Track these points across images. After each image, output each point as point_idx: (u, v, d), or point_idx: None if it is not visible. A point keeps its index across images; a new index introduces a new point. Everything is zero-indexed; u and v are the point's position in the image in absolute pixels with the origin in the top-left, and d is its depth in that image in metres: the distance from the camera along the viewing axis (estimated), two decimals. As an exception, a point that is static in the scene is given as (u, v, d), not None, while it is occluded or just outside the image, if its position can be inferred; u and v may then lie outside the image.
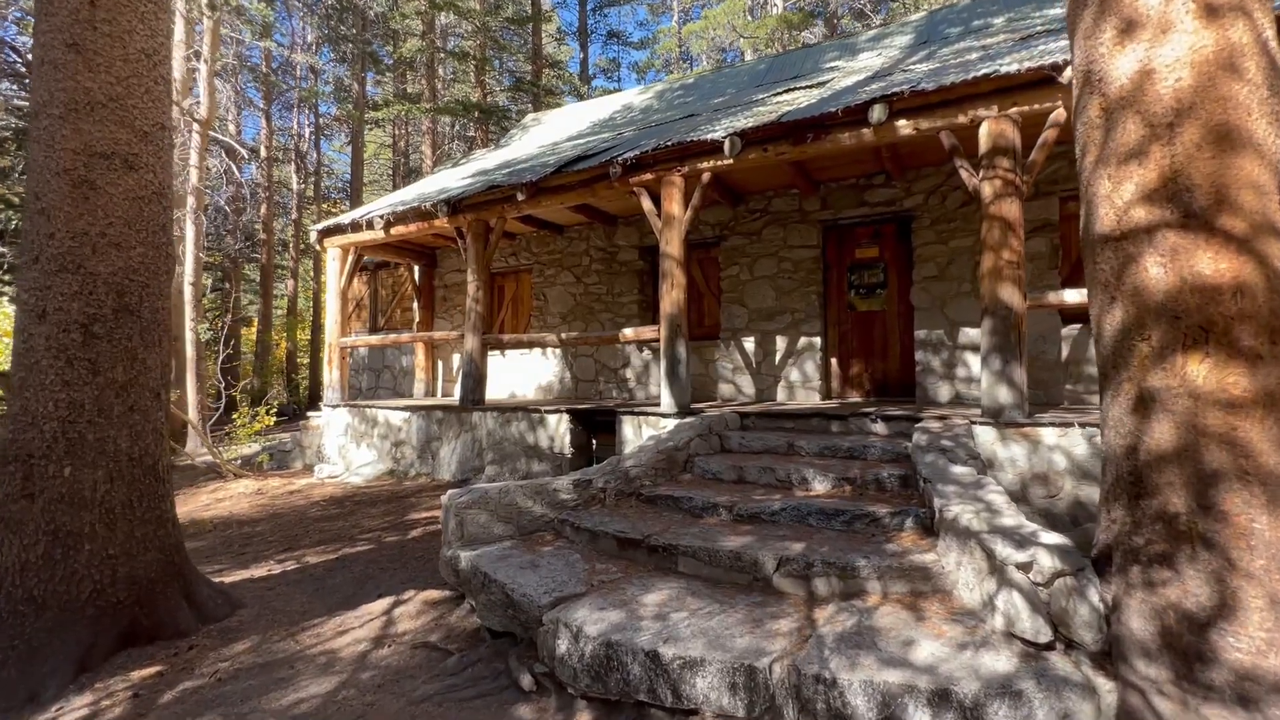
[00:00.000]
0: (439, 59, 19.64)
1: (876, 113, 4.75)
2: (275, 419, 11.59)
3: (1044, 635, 2.24)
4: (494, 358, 9.35)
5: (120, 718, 2.64)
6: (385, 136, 25.92)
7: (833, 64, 8.67)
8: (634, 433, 6.06)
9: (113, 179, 3.24)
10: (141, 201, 3.35)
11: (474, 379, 7.24)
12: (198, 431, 9.34)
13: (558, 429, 6.60)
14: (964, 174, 4.67)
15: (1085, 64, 2.20)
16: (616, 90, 24.22)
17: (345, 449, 8.37)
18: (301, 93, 21.60)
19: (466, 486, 5.46)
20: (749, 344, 7.45)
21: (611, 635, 2.52)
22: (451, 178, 9.72)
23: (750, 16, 20.56)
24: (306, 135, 23.37)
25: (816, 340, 7.04)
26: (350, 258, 8.66)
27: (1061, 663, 2.16)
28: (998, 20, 7.72)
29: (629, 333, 6.44)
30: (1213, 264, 1.88)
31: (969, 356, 6.20)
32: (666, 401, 5.81)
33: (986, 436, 4.46)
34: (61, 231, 3.13)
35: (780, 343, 7.26)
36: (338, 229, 8.44)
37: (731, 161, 5.52)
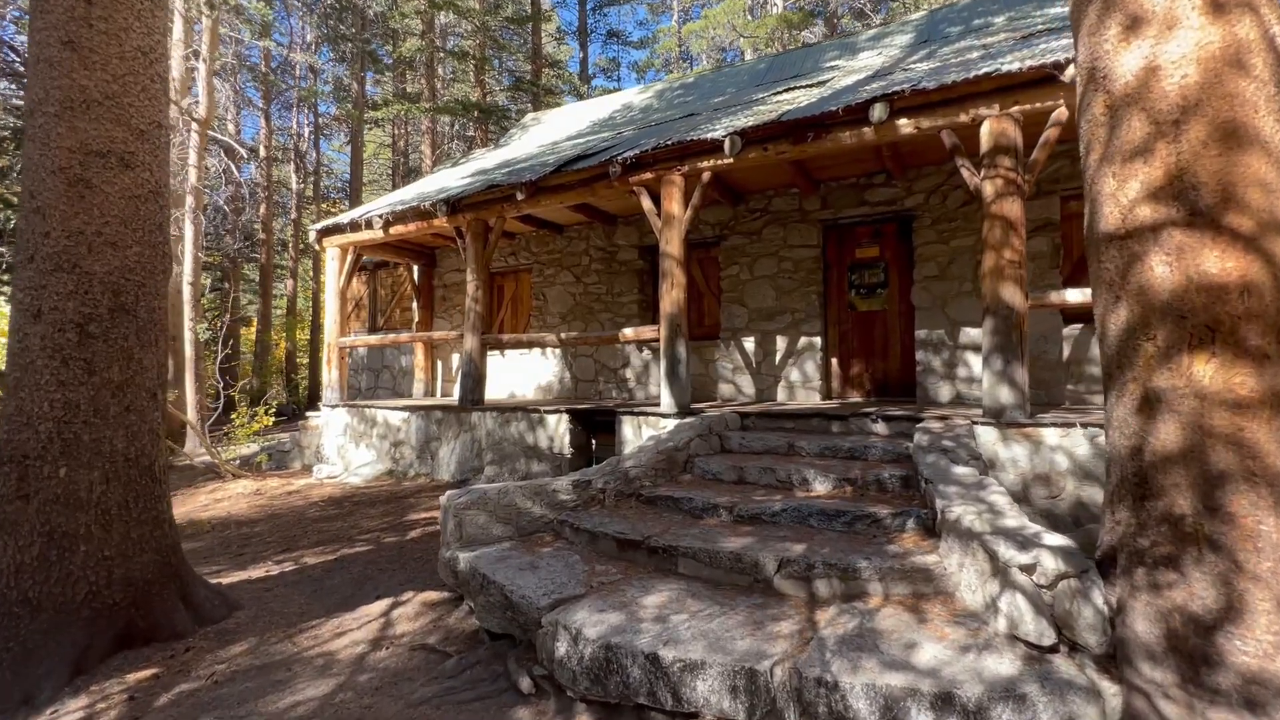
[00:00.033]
0: (438, 58, 19.61)
1: (877, 111, 4.73)
2: (274, 419, 11.56)
3: (1048, 638, 2.22)
4: (493, 358, 9.33)
5: (115, 721, 2.62)
6: (385, 136, 25.91)
7: (833, 63, 8.65)
8: (634, 433, 6.04)
9: (109, 177, 3.22)
10: (138, 200, 3.33)
11: (473, 379, 7.22)
12: (196, 432, 9.32)
13: (557, 429, 6.58)
14: (965, 173, 4.65)
15: (1089, 61, 2.18)
16: (616, 90, 24.20)
17: (344, 449, 8.35)
18: (301, 92, 21.58)
19: (465, 487, 5.43)
20: (749, 344, 7.43)
21: (611, 638, 2.49)
22: (451, 177, 9.70)
23: (750, 16, 20.54)
24: (306, 135, 23.35)
25: (817, 340, 7.02)
26: (349, 257, 8.63)
27: (1065, 666, 2.14)
28: (998, 19, 7.69)
29: (629, 333, 6.42)
30: (1219, 263, 1.86)
31: (970, 356, 6.18)
32: (666, 401, 5.79)
33: (988, 437, 4.44)
34: (57, 230, 3.10)
35: (780, 342, 7.23)
36: (336, 228, 8.42)
37: (732, 161, 5.49)
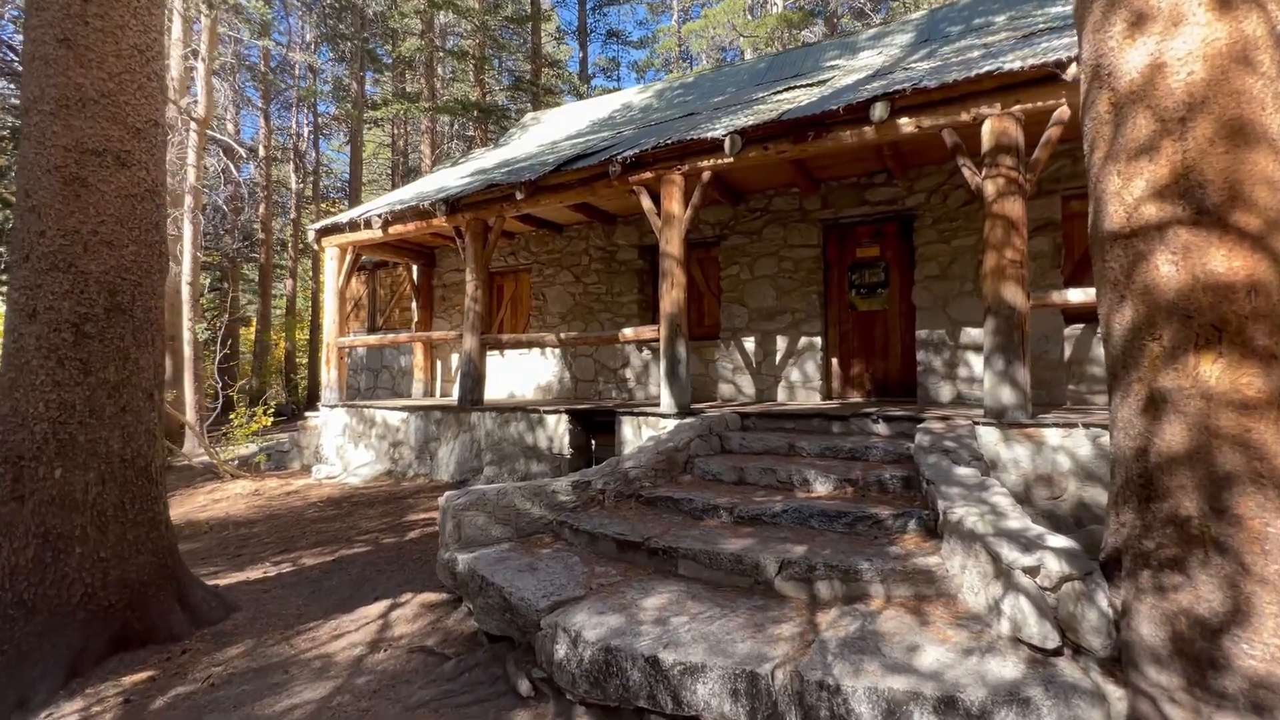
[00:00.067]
0: (438, 58, 19.58)
1: (878, 110, 4.71)
2: (273, 419, 11.53)
3: (1052, 641, 2.19)
4: (493, 358, 9.30)
5: (110, 724, 2.60)
6: (384, 136, 25.89)
7: (833, 63, 8.63)
8: (633, 433, 6.02)
9: (105, 176, 3.19)
10: (134, 199, 3.31)
11: (472, 379, 7.19)
12: (194, 432, 9.29)
13: (557, 429, 6.56)
14: (967, 172, 4.63)
15: (1094, 58, 2.16)
16: (616, 89, 24.15)
17: (343, 449, 8.32)
18: (300, 92, 21.55)
19: (464, 488, 5.41)
20: (749, 344, 7.41)
21: (611, 640, 2.47)
22: (450, 177, 9.67)
23: (750, 15, 20.52)
24: (305, 134, 23.32)
25: (817, 340, 7.00)
26: (348, 257, 8.61)
27: (1070, 669, 2.12)
28: (999, 18, 7.67)
29: (628, 332, 6.40)
30: (1226, 261, 1.84)
31: (971, 356, 6.16)
32: (666, 402, 5.77)
33: (989, 437, 4.42)
34: (52, 229, 3.08)
35: (781, 342, 7.21)
36: (335, 228, 8.40)
37: (732, 160, 5.47)
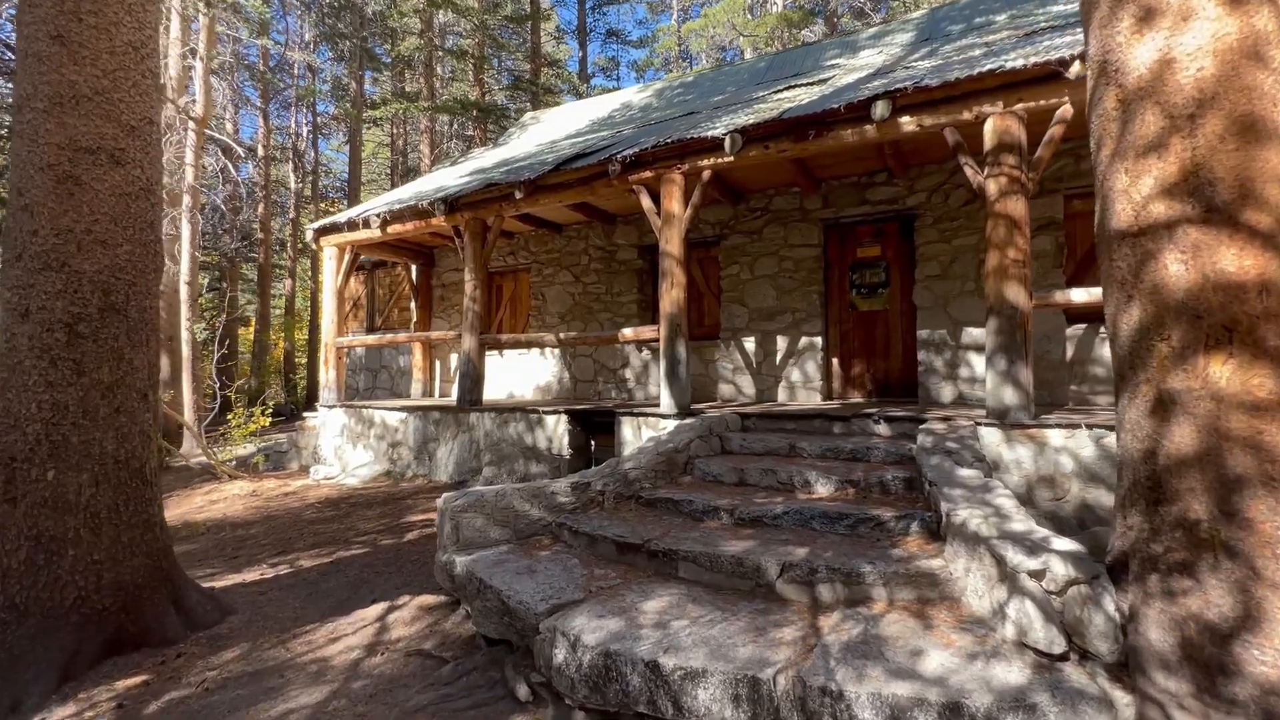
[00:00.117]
0: (437, 57, 19.55)
1: (879, 109, 4.68)
2: (272, 419, 11.48)
3: (1058, 646, 2.16)
4: (492, 358, 9.27)
5: (103, 729, 2.56)
6: (383, 135, 25.84)
7: (834, 62, 8.60)
8: (633, 434, 5.99)
9: (98, 174, 3.16)
10: (129, 198, 3.27)
11: (471, 379, 7.16)
12: (192, 433, 9.25)
13: (556, 430, 6.52)
14: (969, 171, 4.60)
15: (1101, 54, 2.12)
16: (615, 89, 24.12)
17: (341, 450, 8.29)
18: (299, 91, 21.51)
19: (463, 489, 5.38)
20: (749, 344, 7.37)
21: (610, 644, 2.44)
22: (449, 176, 9.64)
23: (750, 15, 20.49)
24: (304, 134, 23.28)
25: (818, 340, 6.97)
26: (347, 257, 8.57)
27: (1076, 674, 2.09)
28: (1000, 17, 7.64)
29: (628, 332, 6.36)
30: (1237, 260, 1.81)
31: (972, 356, 6.13)
32: (666, 402, 5.74)
33: (992, 438, 4.39)
34: (45, 228, 3.05)
35: (781, 343, 7.18)
36: (334, 227, 8.36)
37: (732, 159, 5.44)
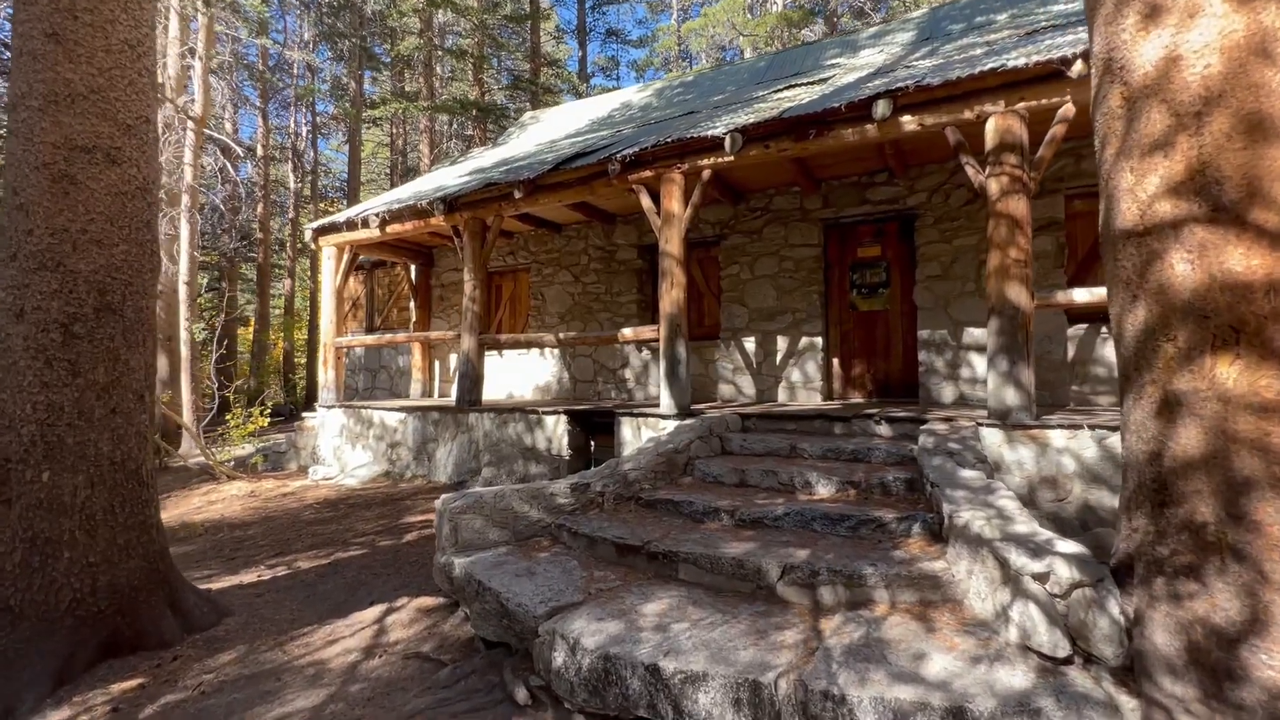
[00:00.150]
0: (436, 57, 19.52)
1: (880, 108, 4.66)
2: (271, 419, 11.47)
3: (1062, 649, 2.14)
4: (491, 358, 9.24)
5: (98, 733, 2.54)
6: (383, 135, 25.81)
7: (834, 61, 8.57)
8: (633, 434, 5.96)
9: (94, 173, 3.13)
10: (124, 197, 3.25)
11: (470, 379, 7.14)
12: (190, 433, 9.22)
13: (555, 430, 6.50)
14: (970, 171, 4.58)
15: (1106, 52, 2.10)
16: (615, 89, 24.10)
17: (340, 450, 8.26)
18: (298, 91, 21.48)
19: (462, 489, 5.36)
20: (749, 344, 7.35)
21: (610, 648, 2.42)
22: (449, 176, 9.61)
23: (750, 14, 20.47)
24: (303, 134, 23.26)
25: (818, 340, 6.94)
26: (346, 256, 8.54)
27: (1081, 678, 2.06)
28: (1001, 16, 7.62)
29: (628, 333, 6.34)
30: (1244, 260, 1.78)
31: (973, 357, 6.11)
32: (666, 402, 5.71)
33: (993, 439, 4.37)
34: (40, 228, 3.02)
35: (781, 343, 7.16)
36: (333, 227, 8.33)
37: (732, 158, 5.42)
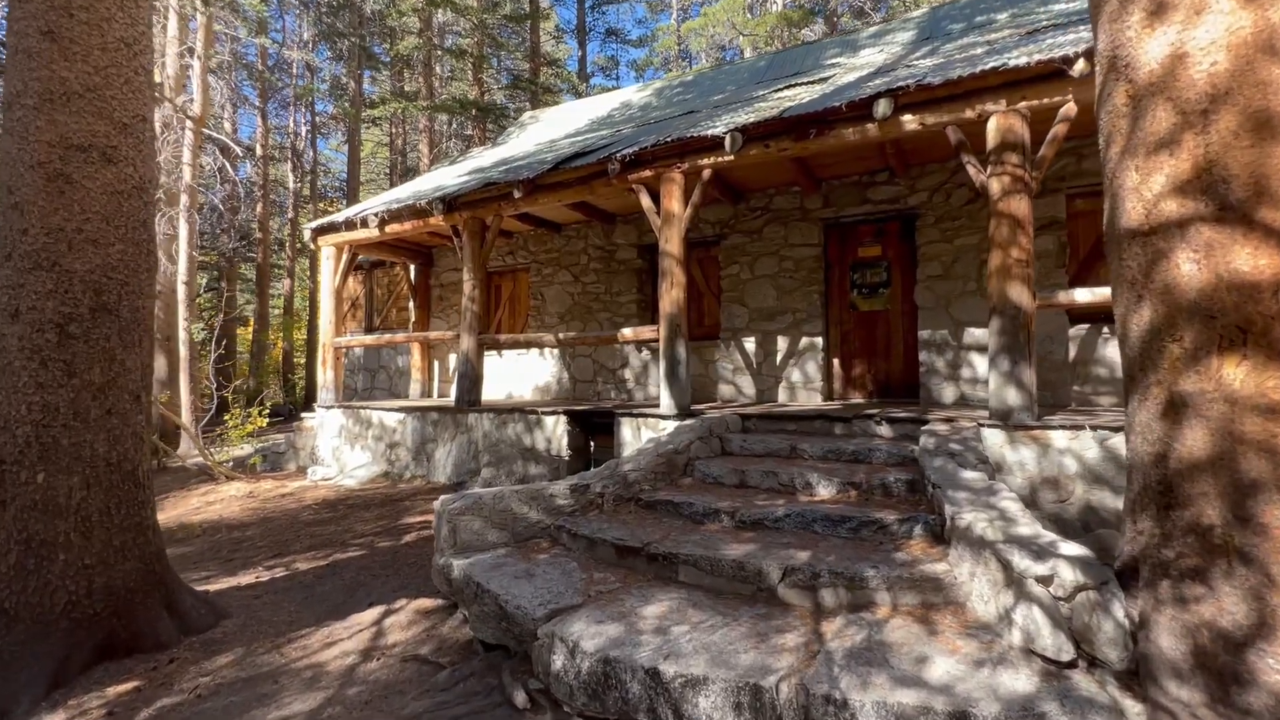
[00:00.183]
0: (436, 57, 19.50)
1: (881, 107, 4.64)
2: (270, 419, 11.44)
3: (1066, 653, 2.12)
4: (491, 358, 9.22)
5: (93, 737, 2.52)
6: (382, 135, 25.80)
7: (834, 60, 8.55)
8: (633, 435, 5.94)
9: (90, 172, 3.11)
10: (121, 196, 3.22)
11: (470, 380, 7.11)
12: (189, 433, 9.20)
13: (555, 431, 6.48)
14: (971, 170, 4.56)
15: (1110, 49, 2.08)
16: (615, 88, 24.06)
17: (339, 451, 8.24)
18: (297, 90, 21.46)
19: (461, 490, 5.33)
20: (749, 344, 7.33)
21: (609, 651, 2.40)
22: (448, 175, 9.59)
23: (750, 14, 20.45)
24: (303, 133, 23.24)
25: (818, 340, 6.92)
26: (345, 256, 8.52)
27: (1085, 682, 2.04)
28: (1002, 16, 7.60)
29: (628, 333, 6.32)
30: (1251, 260, 1.76)
31: (974, 357, 6.09)
32: (666, 403, 5.69)
33: (995, 439, 4.34)
34: (36, 227, 3.00)
35: (781, 343, 7.14)
36: (332, 227, 8.31)
37: (732, 158, 5.39)
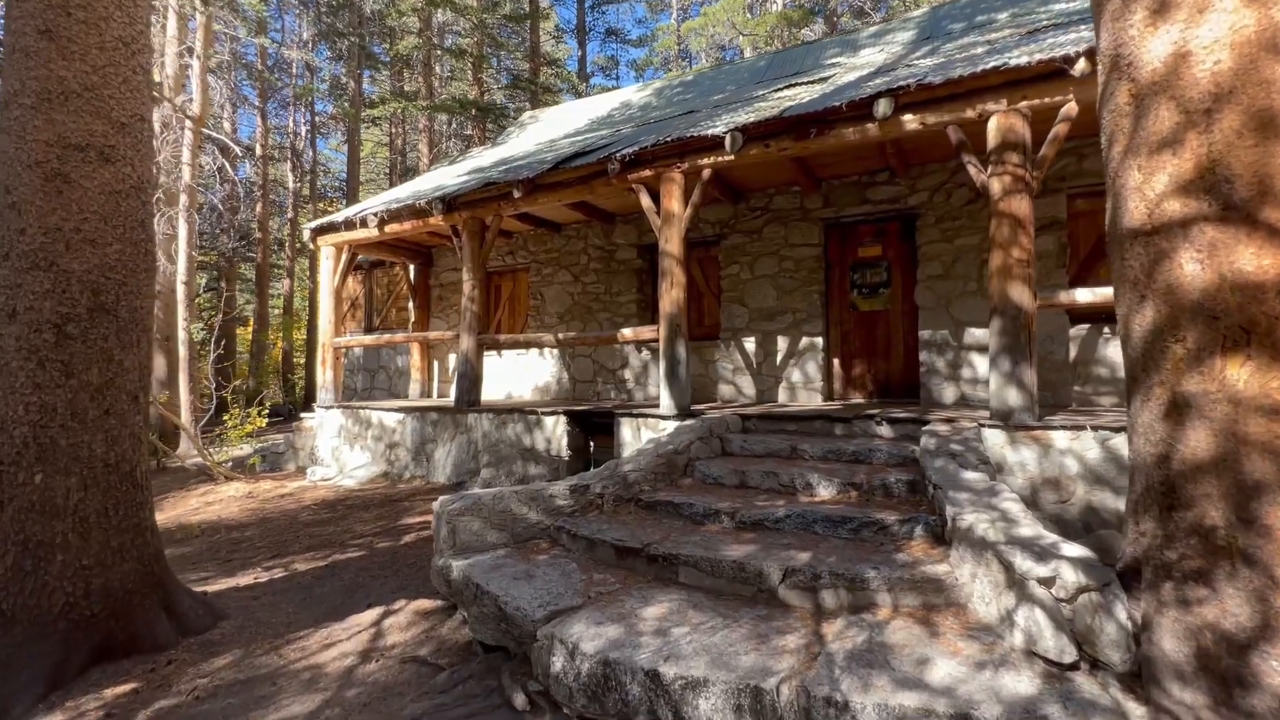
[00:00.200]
0: (436, 56, 19.48)
1: (882, 107, 4.63)
2: (270, 420, 11.42)
3: (1068, 655, 2.11)
4: (490, 358, 9.21)
5: (90, 740, 2.51)
6: (382, 135, 25.78)
7: (834, 60, 8.54)
8: (632, 435, 5.93)
9: (88, 172, 3.10)
10: (118, 196, 3.21)
11: (469, 380, 7.10)
12: (188, 434, 9.18)
13: (555, 431, 6.47)
14: (972, 170, 4.55)
15: (1113, 48, 2.07)
16: (614, 88, 24.04)
17: (338, 451, 8.23)
18: (297, 90, 21.45)
19: (461, 491, 5.32)
20: (750, 344, 7.32)
21: (609, 652, 2.39)
22: (448, 175, 9.58)
23: (750, 13, 20.44)
24: (302, 133, 23.22)
25: (818, 340, 6.91)
26: (344, 256, 8.51)
27: (1088, 685, 2.03)
28: (1002, 15, 7.59)
29: (627, 333, 6.31)
30: (1255, 260, 1.75)
31: (975, 357, 6.08)
32: (666, 403, 5.68)
33: (995, 440, 4.33)
34: (33, 227, 2.99)
35: (781, 343, 7.12)
36: (331, 227, 8.30)
37: (732, 157, 5.38)
